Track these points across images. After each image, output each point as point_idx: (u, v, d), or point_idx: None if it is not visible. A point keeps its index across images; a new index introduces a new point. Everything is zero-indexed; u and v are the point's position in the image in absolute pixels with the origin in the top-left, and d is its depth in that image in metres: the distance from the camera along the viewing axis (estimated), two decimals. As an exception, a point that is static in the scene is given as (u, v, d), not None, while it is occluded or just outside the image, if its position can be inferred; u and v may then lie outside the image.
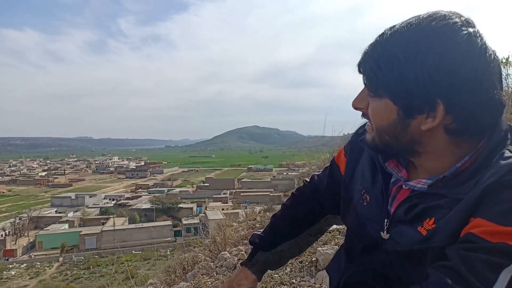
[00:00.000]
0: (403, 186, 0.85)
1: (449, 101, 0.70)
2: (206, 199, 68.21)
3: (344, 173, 1.05)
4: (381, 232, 0.87)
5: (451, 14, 0.72)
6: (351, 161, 1.04)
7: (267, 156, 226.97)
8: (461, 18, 0.72)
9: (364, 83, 0.80)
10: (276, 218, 1.27)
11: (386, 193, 0.89)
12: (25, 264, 40.85)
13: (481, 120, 0.72)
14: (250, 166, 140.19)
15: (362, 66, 0.79)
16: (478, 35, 0.71)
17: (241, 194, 71.40)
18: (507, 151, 0.72)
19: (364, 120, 0.90)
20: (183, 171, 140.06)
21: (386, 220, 0.86)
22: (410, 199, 0.82)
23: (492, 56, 0.71)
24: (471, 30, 0.70)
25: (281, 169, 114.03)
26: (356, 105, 0.85)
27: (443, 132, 0.74)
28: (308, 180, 1.27)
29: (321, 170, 1.24)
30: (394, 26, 0.75)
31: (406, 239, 0.80)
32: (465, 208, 0.69)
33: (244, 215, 5.04)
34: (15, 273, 37.47)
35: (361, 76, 0.81)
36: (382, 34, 0.76)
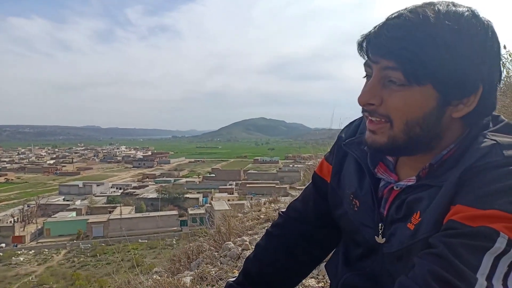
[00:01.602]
0: (394, 187, 0.83)
1: (486, 84, 0.71)
2: (212, 190, 68.60)
3: (330, 179, 1.00)
4: (376, 237, 0.85)
5: (461, 4, 0.74)
6: (336, 166, 0.99)
7: (273, 148, 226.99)
8: (465, 6, 0.75)
9: (399, 70, 0.71)
10: (248, 261, 1.13)
11: (376, 197, 0.86)
12: (33, 251, 41.55)
13: (494, 102, 0.76)
14: (256, 157, 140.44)
15: (396, 51, 0.70)
16: (486, 19, 0.74)
17: (247, 185, 71.69)
18: (480, 137, 0.73)
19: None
20: (189, 162, 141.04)
21: (380, 224, 0.84)
22: (399, 195, 0.80)
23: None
24: (482, 15, 0.74)
25: (287, 161, 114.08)
26: (367, 100, 0.76)
27: (461, 119, 0.75)
28: (283, 210, 1.16)
29: (299, 194, 1.15)
30: (416, 10, 0.71)
31: (398, 238, 0.78)
32: (444, 196, 0.69)
33: (249, 206, 5.06)
34: (23, 259, 38.15)
35: (377, 65, 0.74)
36: (408, 18, 0.71)
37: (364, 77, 0.80)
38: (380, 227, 0.84)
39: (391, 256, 0.81)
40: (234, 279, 1.12)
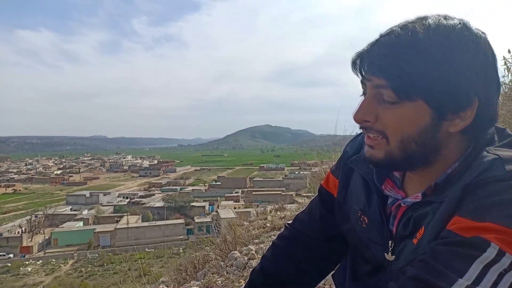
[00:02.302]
0: (401, 204, 0.83)
1: (482, 97, 0.70)
2: (218, 198, 68.56)
3: (337, 193, 1.00)
4: (386, 254, 0.84)
5: (452, 16, 0.75)
6: (343, 181, 0.99)
7: (279, 155, 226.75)
8: (463, 20, 0.74)
9: (389, 88, 0.72)
10: (254, 273, 1.13)
11: (385, 214, 0.86)
12: (40, 261, 41.73)
13: (494, 114, 0.74)
14: (262, 165, 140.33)
15: (386, 69, 0.72)
16: (481, 30, 0.74)
17: (253, 193, 71.61)
18: (484, 152, 0.72)
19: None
20: (195, 170, 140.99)
21: (390, 242, 0.83)
22: (407, 212, 0.80)
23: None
24: (474, 26, 0.74)
25: (293, 168, 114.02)
26: (362, 118, 0.77)
27: (460, 134, 0.74)
28: (290, 222, 1.16)
29: (306, 206, 1.15)
30: (407, 26, 0.73)
31: (405, 255, 0.78)
32: (446, 210, 0.69)
33: (255, 214, 5.06)
34: (31, 269, 38.30)
35: (369, 82, 0.76)
36: (398, 35, 0.72)
37: (361, 95, 0.80)
38: (390, 245, 0.83)
39: (398, 273, 0.80)
40: None
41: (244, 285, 1.15)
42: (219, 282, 2.57)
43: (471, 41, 0.70)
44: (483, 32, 0.73)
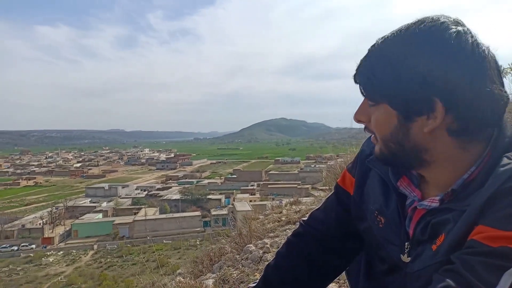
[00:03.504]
0: (417, 206, 0.84)
1: (446, 99, 0.71)
2: (234, 191, 68.85)
3: (354, 192, 1.01)
4: (402, 255, 0.85)
5: (439, 16, 0.74)
6: (359, 179, 1.00)
7: (294, 148, 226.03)
8: (449, 18, 0.74)
9: (361, 93, 0.82)
10: (268, 268, 1.14)
11: (403, 215, 0.87)
12: (61, 252, 42.80)
13: (483, 116, 0.72)
14: (277, 158, 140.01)
15: (358, 77, 0.81)
16: (468, 32, 0.72)
17: (269, 186, 71.65)
18: (504, 158, 0.72)
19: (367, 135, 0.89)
20: (211, 163, 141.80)
21: (407, 244, 0.84)
22: (425, 217, 0.80)
23: (486, 51, 0.72)
24: (460, 28, 0.72)
25: (309, 161, 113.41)
26: (357, 118, 0.85)
27: (447, 134, 0.74)
28: (305, 219, 1.16)
29: (322, 203, 1.15)
30: (385, 35, 0.78)
31: (422, 259, 0.78)
32: (468, 219, 0.69)
33: (270, 207, 5.07)
34: (52, 260, 39.35)
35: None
36: (374, 44, 0.78)
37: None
38: (406, 246, 0.84)
39: (412, 276, 0.81)
40: (254, 284, 1.14)
41: (258, 279, 1.16)
42: (235, 275, 2.60)
43: (435, 47, 0.71)
44: (465, 32, 0.72)
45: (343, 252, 1.09)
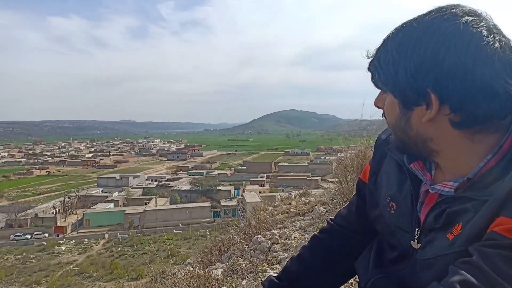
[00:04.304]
0: (430, 190, 0.83)
1: (439, 90, 0.71)
2: (244, 182, 69.05)
3: (368, 180, 1.02)
4: (412, 242, 0.85)
5: (450, 6, 0.74)
6: (374, 167, 1.01)
7: (304, 140, 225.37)
8: (463, 9, 0.73)
9: (372, 81, 0.84)
10: (291, 260, 1.17)
11: (416, 201, 0.86)
12: (73, 240, 43.50)
13: (478, 110, 0.70)
14: (287, 150, 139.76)
15: (370, 65, 0.83)
16: (475, 22, 0.70)
17: (278, 177, 71.67)
18: None
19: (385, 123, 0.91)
20: (221, 154, 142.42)
21: (417, 229, 0.84)
22: (439, 204, 0.79)
23: (494, 44, 0.69)
24: (467, 18, 0.71)
25: (319, 153, 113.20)
26: (376, 103, 0.88)
27: (450, 125, 0.73)
28: (331, 218, 1.18)
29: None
30: (399, 25, 0.79)
31: (435, 247, 0.77)
32: (490, 210, 0.67)
33: (280, 199, 5.08)
34: (65, 248, 40.05)
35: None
36: (388, 34, 0.80)
37: None
38: (416, 232, 0.84)
39: (422, 263, 0.80)
40: (275, 275, 1.16)
41: (266, 269, 1.17)
42: (243, 265, 2.62)
43: (432, 38, 0.71)
44: (474, 24, 0.70)
45: (366, 246, 1.07)
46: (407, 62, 0.73)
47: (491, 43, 0.69)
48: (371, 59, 0.83)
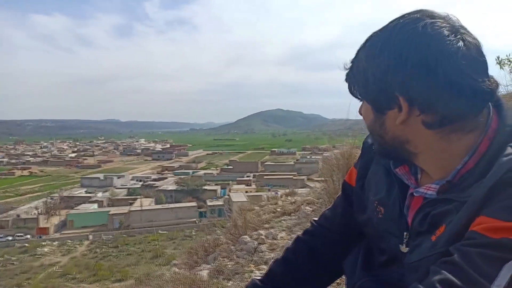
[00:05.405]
0: (414, 193, 0.85)
1: (406, 92, 0.73)
2: (230, 182, 69.07)
3: (355, 183, 1.03)
4: (400, 246, 0.85)
5: (415, 12, 0.77)
6: (361, 171, 1.02)
7: (290, 139, 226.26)
8: (424, 13, 0.76)
9: (349, 92, 0.88)
10: (275, 263, 1.16)
11: (404, 206, 0.87)
12: (57, 242, 42.84)
13: (447, 108, 0.72)
14: (273, 149, 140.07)
15: (346, 78, 0.87)
16: (437, 24, 0.72)
17: (265, 177, 71.85)
18: (509, 148, 0.71)
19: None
20: (207, 154, 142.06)
21: (405, 234, 0.85)
22: (424, 207, 0.80)
23: (457, 42, 0.71)
24: (428, 21, 0.73)
25: (305, 152, 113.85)
26: (359, 111, 0.91)
27: (423, 126, 0.75)
28: (315, 219, 1.18)
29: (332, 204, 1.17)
30: (372, 33, 0.83)
31: (421, 250, 0.78)
32: (469, 209, 0.68)
33: (266, 198, 5.07)
34: (48, 250, 39.37)
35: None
36: (361, 45, 0.84)
37: None
38: (405, 236, 0.84)
39: (409, 267, 0.81)
40: (260, 277, 1.14)
41: (252, 270, 1.16)
42: (229, 266, 2.60)
43: (394, 43, 0.74)
44: (434, 25, 0.72)
45: (350, 249, 1.08)
46: (374, 68, 0.76)
47: (454, 41, 0.71)
48: (347, 71, 0.86)
